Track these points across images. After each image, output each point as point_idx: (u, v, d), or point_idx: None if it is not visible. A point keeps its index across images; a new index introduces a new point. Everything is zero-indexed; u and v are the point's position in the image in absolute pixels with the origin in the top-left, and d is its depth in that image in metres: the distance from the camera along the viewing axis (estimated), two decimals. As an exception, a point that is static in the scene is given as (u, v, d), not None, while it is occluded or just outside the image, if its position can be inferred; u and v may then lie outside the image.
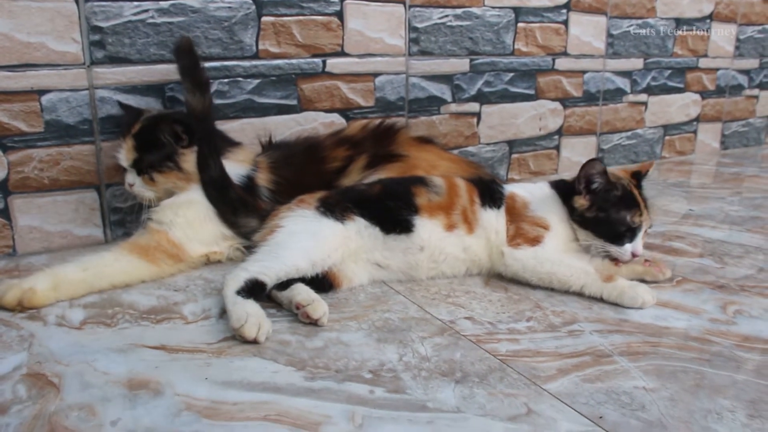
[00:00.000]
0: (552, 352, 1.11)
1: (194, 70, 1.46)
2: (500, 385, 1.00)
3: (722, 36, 2.79)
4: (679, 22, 2.62)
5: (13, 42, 1.45)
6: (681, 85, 2.73)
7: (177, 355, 1.08)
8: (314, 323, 1.19)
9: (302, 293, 1.22)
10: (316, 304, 1.20)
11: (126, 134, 1.49)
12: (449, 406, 0.94)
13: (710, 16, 2.71)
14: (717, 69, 2.84)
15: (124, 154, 1.49)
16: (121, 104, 1.57)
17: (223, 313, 1.22)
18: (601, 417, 0.92)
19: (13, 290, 1.25)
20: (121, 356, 1.08)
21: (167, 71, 1.61)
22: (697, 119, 2.86)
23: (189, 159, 1.48)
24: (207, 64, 1.65)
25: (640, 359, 1.08)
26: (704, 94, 2.84)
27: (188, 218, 1.45)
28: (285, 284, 1.27)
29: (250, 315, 1.13)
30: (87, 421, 0.90)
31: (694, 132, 2.87)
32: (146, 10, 1.56)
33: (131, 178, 1.50)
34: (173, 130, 1.47)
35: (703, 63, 2.78)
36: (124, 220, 1.65)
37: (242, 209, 1.48)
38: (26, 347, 1.11)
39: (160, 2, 1.57)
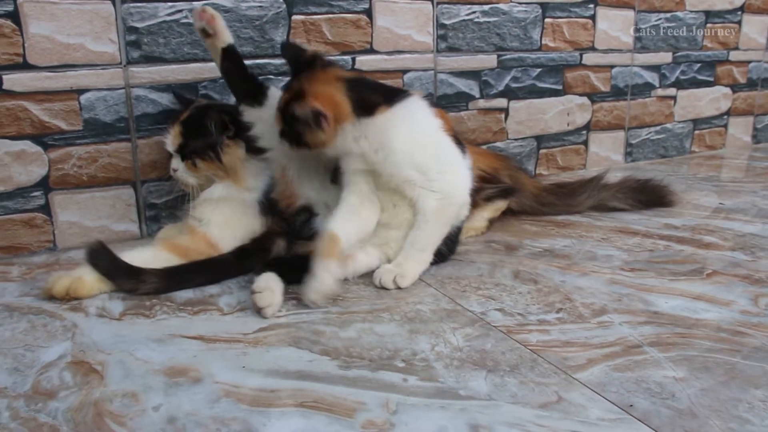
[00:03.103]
0: (582, 342, 1.12)
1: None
2: (531, 374, 1.01)
3: (754, 27, 2.76)
4: (708, 14, 2.60)
5: (54, 43, 1.49)
6: (711, 79, 2.71)
7: (214, 345, 1.11)
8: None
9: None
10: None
11: (175, 120, 1.53)
12: (481, 394, 0.96)
13: (741, 8, 2.68)
14: (749, 62, 2.81)
15: (171, 139, 1.52)
16: (174, 93, 1.62)
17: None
18: (631, 405, 0.93)
19: (63, 280, 1.30)
20: (161, 346, 1.11)
21: (200, 70, 1.65)
22: (728, 113, 2.83)
23: (232, 152, 1.50)
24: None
25: (670, 350, 1.08)
26: (735, 87, 2.80)
27: (226, 215, 1.48)
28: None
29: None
30: (130, 406, 0.93)
31: (725, 126, 2.84)
32: (180, 11, 1.60)
33: (176, 163, 1.52)
34: (221, 119, 1.49)
35: (734, 56, 2.74)
36: (159, 215, 1.70)
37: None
38: (70, 337, 1.15)
39: (193, 2, 1.61)
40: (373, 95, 1.33)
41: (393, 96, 1.35)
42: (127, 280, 1.32)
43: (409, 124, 1.34)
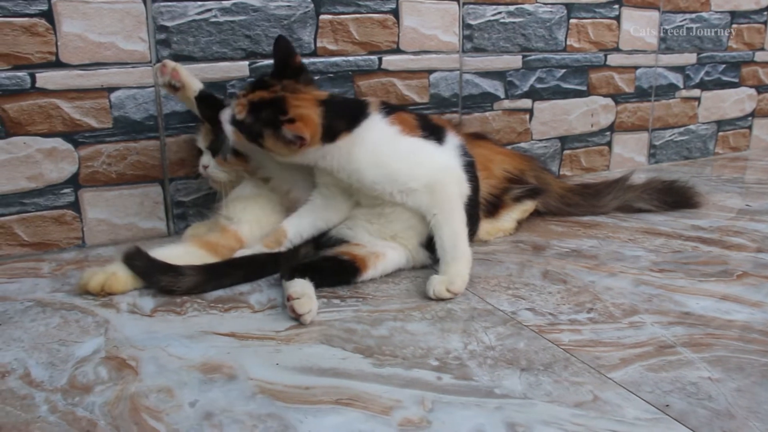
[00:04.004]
0: (614, 342, 1.11)
1: None
2: (565, 373, 1.01)
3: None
4: (734, 15, 2.58)
5: (86, 42, 1.51)
6: (736, 80, 2.68)
7: (247, 342, 1.12)
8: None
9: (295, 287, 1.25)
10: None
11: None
12: (516, 393, 0.96)
13: None
14: (774, 62, 2.78)
15: (203, 137, 1.53)
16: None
17: (289, 302, 1.27)
18: (667, 405, 0.92)
19: (98, 275, 1.31)
20: (193, 342, 1.12)
21: (228, 68, 1.66)
22: (752, 114, 2.80)
23: None
24: (267, 62, 1.69)
25: (703, 350, 1.08)
26: (760, 88, 2.78)
27: (255, 213, 1.49)
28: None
29: None
30: (166, 402, 0.94)
31: (749, 127, 2.82)
32: (209, 9, 1.60)
33: (206, 159, 1.53)
34: None
35: (760, 56, 2.72)
36: (186, 213, 1.71)
37: None
38: (102, 332, 1.16)
39: (223, 2, 1.61)
40: (339, 121, 1.34)
41: (354, 119, 1.36)
42: (163, 276, 1.31)
43: (367, 146, 1.35)
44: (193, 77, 1.48)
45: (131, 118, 1.59)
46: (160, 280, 1.31)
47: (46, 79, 1.49)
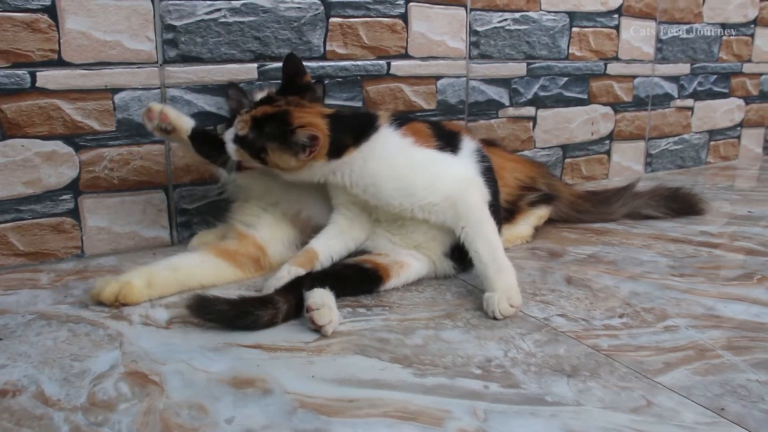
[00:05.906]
0: (653, 346, 1.09)
1: None
2: (612, 379, 0.98)
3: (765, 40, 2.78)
4: (724, 26, 2.61)
5: (91, 40, 1.44)
6: (726, 90, 2.72)
7: (276, 354, 1.06)
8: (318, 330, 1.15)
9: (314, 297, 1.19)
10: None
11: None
12: (568, 399, 0.93)
13: (755, 21, 2.70)
14: (761, 74, 2.82)
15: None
16: (234, 86, 1.56)
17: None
18: (722, 409, 0.90)
19: (111, 285, 1.24)
20: (218, 355, 1.06)
21: (237, 71, 1.61)
22: (741, 124, 2.84)
23: None
24: (276, 65, 1.65)
25: (744, 353, 1.07)
26: (748, 99, 2.82)
27: (274, 216, 1.44)
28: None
29: None
30: (200, 419, 0.88)
31: (738, 137, 2.85)
32: (219, 9, 1.55)
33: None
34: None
35: (747, 68, 2.76)
36: (190, 221, 1.64)
37: None
38: (117, 346, 1.09)
39: (232, 2, 1.57)
40: (345, 136, 1.30)
41: (361, 134, 1.32)
42: (262, 311, 1.17)
43: (381, 160, 1.31)
44: (182, 116, 1.39)
45: (135, 121, 1.52)
46: (261, 317, 1.16)
47: (47, 78, 1.42)
